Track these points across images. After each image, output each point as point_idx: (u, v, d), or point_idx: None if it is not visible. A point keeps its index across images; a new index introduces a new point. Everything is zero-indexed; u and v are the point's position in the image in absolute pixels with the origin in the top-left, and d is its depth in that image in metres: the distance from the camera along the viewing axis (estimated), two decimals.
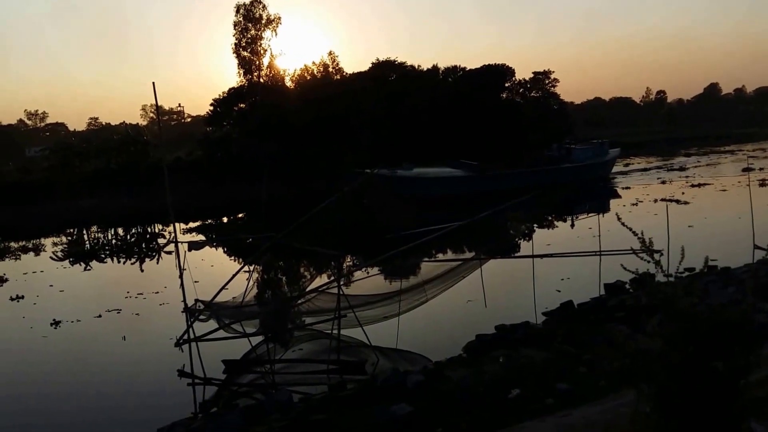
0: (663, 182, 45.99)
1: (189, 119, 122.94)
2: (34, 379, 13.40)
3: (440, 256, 21.22)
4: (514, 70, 76.87)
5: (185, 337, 12.31)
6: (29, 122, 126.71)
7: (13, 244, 34.01)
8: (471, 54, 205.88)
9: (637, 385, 4.58)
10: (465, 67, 75.22)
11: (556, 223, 31.48)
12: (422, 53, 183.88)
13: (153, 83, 12.82)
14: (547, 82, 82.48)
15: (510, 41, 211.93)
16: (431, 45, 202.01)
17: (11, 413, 11.70)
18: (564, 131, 70.17)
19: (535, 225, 29.58)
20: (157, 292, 19.88)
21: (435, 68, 76.13)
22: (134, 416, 11.16)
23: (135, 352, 14.71)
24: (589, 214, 30.08)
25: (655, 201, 34.16)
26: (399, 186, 37.78)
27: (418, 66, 76.06)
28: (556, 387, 8.79)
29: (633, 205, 33.74)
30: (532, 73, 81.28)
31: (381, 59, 74.97)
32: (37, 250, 32.16)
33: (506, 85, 77.60)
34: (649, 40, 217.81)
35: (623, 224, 5.19)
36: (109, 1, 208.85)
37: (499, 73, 74.41)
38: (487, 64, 73.91)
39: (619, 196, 39.49)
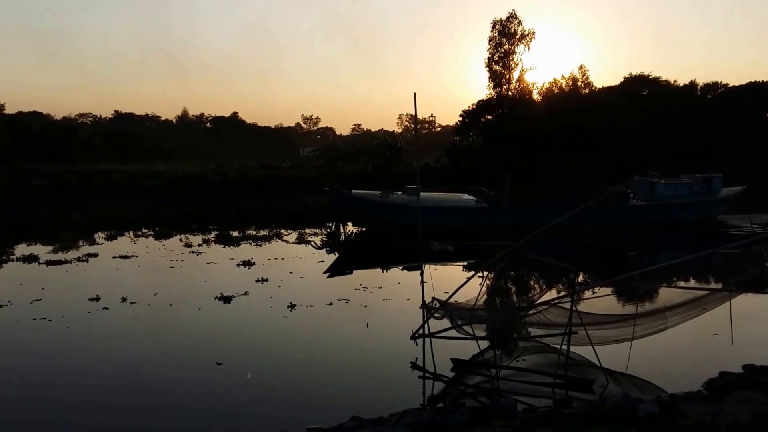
0: None
1: (439, 128, 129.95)
2: (275, 352, 14.91)
3: (681, 283, 19.94)
4: None
5: (421, 331, 12.91)
6: (304, 126, 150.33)
7: (283, 231, 38.58)
8: (734, 69, 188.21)
9: None
10: (726, 84, 70.36)
11: None
12: (678, 68, 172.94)
13: (414, 94, 13.68)
14: None
15: None
16: (689, 59, 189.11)
17: (257, 379, 12.98)
18: None
19: None
20: (381, 287, 21.28)
21: (692, 84, 72.22)
22: (366, 397, 11.90)
23: (362, 340, 15.74)
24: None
25: None
26: (384, 212, 35.40)
27: (674, 81, 72.69)
28: None
29: None
30: None
31: (633, 74, 72.54)
32: (301, 239, 35.47)
33: None
34: None
35: None
36: (372, 19, 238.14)
37: (766, 91, 68.73)
38: (752, 81, 68.52)
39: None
